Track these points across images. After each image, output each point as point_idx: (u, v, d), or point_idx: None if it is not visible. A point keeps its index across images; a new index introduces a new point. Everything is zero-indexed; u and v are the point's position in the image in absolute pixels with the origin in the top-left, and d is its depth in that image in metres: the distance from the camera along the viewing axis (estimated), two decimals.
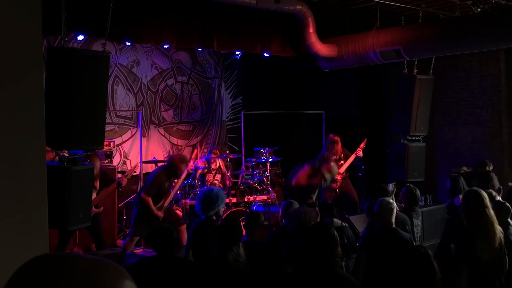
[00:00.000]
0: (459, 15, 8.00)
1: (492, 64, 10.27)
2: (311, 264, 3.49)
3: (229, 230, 4.49)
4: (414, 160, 8.44)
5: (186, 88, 11.02)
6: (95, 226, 6.44)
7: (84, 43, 8.55)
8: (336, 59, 8.58)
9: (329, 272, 3.46)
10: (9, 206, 1.25)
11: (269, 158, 9.53)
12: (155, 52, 10.47)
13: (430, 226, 8.49)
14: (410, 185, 6.39)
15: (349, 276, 3.67)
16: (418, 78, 8.38)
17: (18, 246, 1.26)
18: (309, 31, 8.11)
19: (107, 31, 5.46)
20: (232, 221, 4.74)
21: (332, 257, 3.48)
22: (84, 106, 5.08)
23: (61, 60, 5.03)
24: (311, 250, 3.51)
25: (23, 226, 1.27)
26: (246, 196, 8.84)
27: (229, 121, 11.71)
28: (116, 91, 9.99)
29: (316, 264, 3.47)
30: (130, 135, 10.20)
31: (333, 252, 3.50)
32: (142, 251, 7.87)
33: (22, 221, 1.27)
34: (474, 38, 7.44)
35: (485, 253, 4.28)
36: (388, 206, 4.96)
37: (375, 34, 8.12)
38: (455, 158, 10.80)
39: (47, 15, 2.06)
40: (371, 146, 9.59)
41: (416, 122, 8.38)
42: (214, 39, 7.69)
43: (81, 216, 5.22)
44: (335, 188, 8.75)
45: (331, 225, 3.84)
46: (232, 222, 4.65)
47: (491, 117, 10.31)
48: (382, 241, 4.86)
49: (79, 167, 5.13)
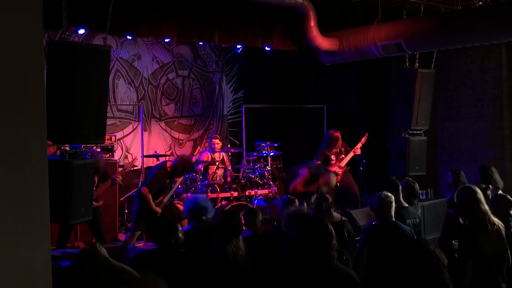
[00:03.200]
0: (461, 8, 7.97)
1: (493, 58, 10.24)
2: (306, 258, 3.48)
3: (228, 223, 4.49)
4: (415, 154, 8.44)
5: (187, 82, 11.02)
6: (94, 220, 6.44)
7: (85, 37, 8.54)
8: (337, 53, 8.56)
9: (325, 266, 3.45)
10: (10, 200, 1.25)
11: (270, 152, 9.53)
12: (156, 46, 10.46)
13: (431, 220, 8.52)
14: (409, 178, 6.39)
15: (347, 269, 3.66)
16: (420, 71, 8.37)
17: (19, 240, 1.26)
18: (310, 25, 8.09)
19: (108, 24, 5.46)
20: (231, 214, 4.74)
21: (327, 251, 3.47)
22: (85, 100, 5.08)
23: (62, 54, 5.02)
24: (306, 245, 3.51)
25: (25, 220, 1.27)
26: (247, 190, 8.85)
27: (230, 115, 11.70)
28: (117, 85, 9.99)
29: (311, 258, 3.46)
30: (131, 129, 10.20)
31: (328, 246, 3.48)
32: (143, 245, 7.88)
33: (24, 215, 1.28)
34: (475, 31, 7.42)
35: (487, 246, 4.29)
36: (387, 199, 4.97)
37: (377, 27, 8.10)
38: (456, 152, 10.80)
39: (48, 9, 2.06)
40: (372, 140, 9.58)
41: (417, 116, 8.38)
42: (215, 33, 7.68)
43: (83, 210, 5.23)
44: (336, 182, 8.75)
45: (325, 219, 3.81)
46: (231, 215, 4.65)
47: (492, 111, 10.29)
48: (382, 235, 4.87)
49: (80, 161, 5.13)
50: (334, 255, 3.51)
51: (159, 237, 4.48)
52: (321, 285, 3.42)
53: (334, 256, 3.52)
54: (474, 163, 9.81)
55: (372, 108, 11.01)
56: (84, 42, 8.19)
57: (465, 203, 4.52)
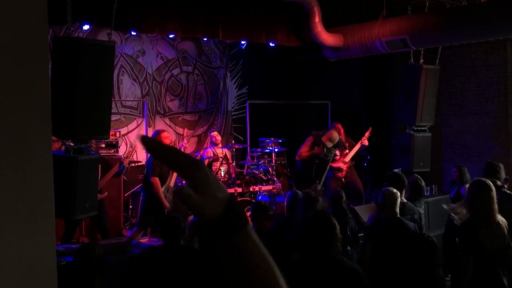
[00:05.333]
0: (466, 4, 7.95)
1: (498, 54, 10.21)
2: (312, 251, 3.51)
3: None
4: (419, 150, 8.43)
5: (191, 78, 11.02)
6: (99, 215, 6.44)
7: (89, 32, 8.55)
8: (342, 49, 8.55)
9: (329, 259, 3.47)
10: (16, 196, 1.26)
11: (274, 148, 9.54)
12: (161, 41, 10.46)
13: (435, 217, 8.50)
14: (417, 175, 6.38)
15: (351, 263, 3.69)
16: (424, 67, 8.35)
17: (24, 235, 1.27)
18: (315, 21, 8.08)
19: (113, 20, 5.47)
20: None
21: (332, 245, 3.50)
22: (90, 95, 5.09)
23: (67, 49, 5.04)
24: (312, 238, 3.54)
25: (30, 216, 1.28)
26: (252, 186, 8.86)
27: (234, 111, 11.71)
28: (122, 81, 10.00)
29: (317, 251, 3.49)
30: (136, 125, 10.22)
31: (333, 239, 3.51)
32: (148, 241, 7.90)
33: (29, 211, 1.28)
34: (480, 27, 7.40)
35: (488, 241, 4.28)
36: (392, 195, 4.97)
37: (381, 23, 8.08)
38: (460, 148, 10.78)
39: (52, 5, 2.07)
40: (377, 136, 9.57)
41: (422, 112, 8.37)
42: (219, 29, 7.68)
43: (87, 206, 5.25)
44: (341, 178, 8.75)
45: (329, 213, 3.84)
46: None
47: (497, 107, 10.27)
48: (386, 231, 4.87)
49: (85, 156, 5.15)
50: (339, 247, 3.54)
51: (166, 233, 4.48)
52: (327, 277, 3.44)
53: (339, 249, 3.55)
54: (478, 159, 9.79)
55: (377, 104, 10.98)
56: (88, 38, 8.20)
57: (476, 197, 4.45)
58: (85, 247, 4.07)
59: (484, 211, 4.39)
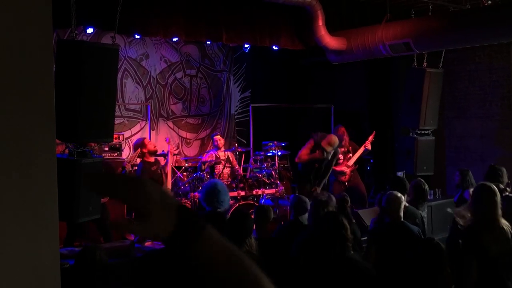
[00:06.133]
0: (469, 7, 7.94)
1: (502, 57, 10.20)
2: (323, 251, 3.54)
3: (241, 224, 4.48)
4: (423, 154, 8.41)
5: (195, 81, 11.03)
6: (101, 218, 6.44)
7: (93, 36, 8.57)
8: (345, 52, 8.55)
9: (341, 258, 3.50)
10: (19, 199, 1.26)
11: (277, 151, 9.53)
12: (164, 45, 10.48)
13: (438, 220, 8.48)
14: (421, 179, 6.37)
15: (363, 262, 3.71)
16: (428, 71, 8.34)
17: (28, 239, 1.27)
18: (318, 24, 8.08)
19: (116, 24, 5.48)
20: (244, 215, 4.74)
21: (343, 243, 3.53)
22: (93, 99, 5.10)
23: (71, 52, 5.05)
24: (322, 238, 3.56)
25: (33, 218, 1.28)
26: (255, 190, 8.84)
27: (237, 114, 11.71)
28: (125, 84, 10.01)
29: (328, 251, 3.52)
30: (139, 128, 10.23)
31: (344, 237, 3.54)
32: (151, 244, 7.89)
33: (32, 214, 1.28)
34: (484, 31, 7.39)
35: (492, 245, 4.27)
36: (397, 199, 4.96)
37: (385, 27, 8.08)
38: (464, 152, 10.76)
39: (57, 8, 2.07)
40: (380, 139, 9.56)
41: (425, 116, 8.35)
42: (223, 32, 7.69)
43: (91, 209, 5.25)
44: (344, 181, 8.75)
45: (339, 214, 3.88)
46: (244, 216, 4.65)
47: (501, 111, 10.25)
48: (391, 235, 4.86)
49: (88, 159, 5.15)
50: (349, 246, 3.57)
51: None
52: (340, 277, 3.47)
53: (350, 247, 3.58)
54: (482, 163, 9.77)
55: (380, 107, 10.98)
56: (92, 41, 8.21)
57: (480, 201, 4.43)
58: (85, 250, 4.06)
59: (488, 215, 4.37)
